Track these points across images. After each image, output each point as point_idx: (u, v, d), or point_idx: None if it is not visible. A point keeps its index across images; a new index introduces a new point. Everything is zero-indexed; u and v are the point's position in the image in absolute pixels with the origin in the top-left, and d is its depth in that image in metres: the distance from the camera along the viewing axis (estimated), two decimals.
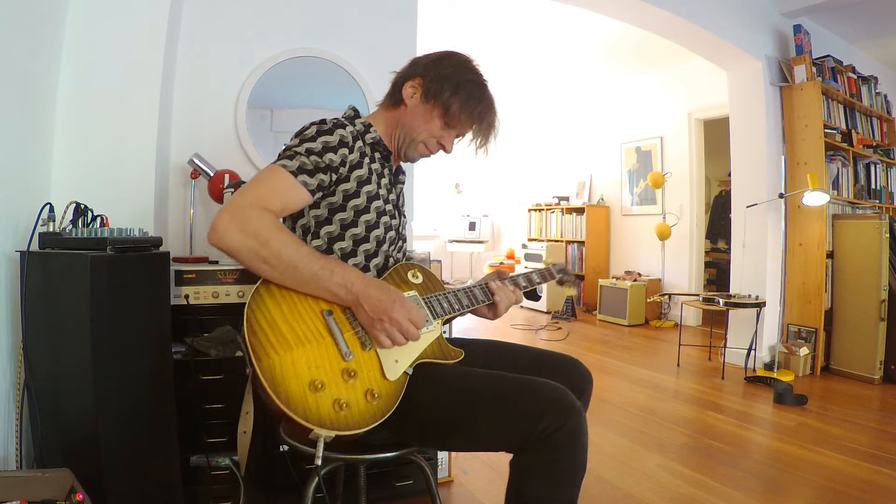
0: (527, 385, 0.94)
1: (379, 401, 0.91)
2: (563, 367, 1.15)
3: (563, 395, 0.92)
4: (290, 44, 2.04)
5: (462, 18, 4.04)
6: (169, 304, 1.38)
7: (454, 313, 1.12)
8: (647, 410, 2.61)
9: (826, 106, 3.47)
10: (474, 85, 1.11)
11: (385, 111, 1.18)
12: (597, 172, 6.05)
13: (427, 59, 1.14)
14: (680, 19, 3.08)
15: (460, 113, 1.10)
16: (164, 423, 1.31)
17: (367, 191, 1.07)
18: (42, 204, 1.28)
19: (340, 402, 0.87)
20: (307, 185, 0.99)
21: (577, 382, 1.12)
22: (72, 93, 1.54)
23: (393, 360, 0.97)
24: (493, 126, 1.15)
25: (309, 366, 0.88)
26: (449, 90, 1.09)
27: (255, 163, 1.98)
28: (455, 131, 1.14)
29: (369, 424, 0.87)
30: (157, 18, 1.67)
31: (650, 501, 1.74)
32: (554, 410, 0.89)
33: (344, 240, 1.06)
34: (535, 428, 0.88)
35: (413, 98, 1.12)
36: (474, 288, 1.17)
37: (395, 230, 1.17)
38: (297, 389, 0.85)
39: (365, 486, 1.20)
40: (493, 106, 1.14)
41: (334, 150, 1.02)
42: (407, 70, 1.16)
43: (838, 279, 3.37)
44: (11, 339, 1.26)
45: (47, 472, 1.02)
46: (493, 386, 0.96)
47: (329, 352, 0.92)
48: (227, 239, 0.90)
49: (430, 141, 1.14)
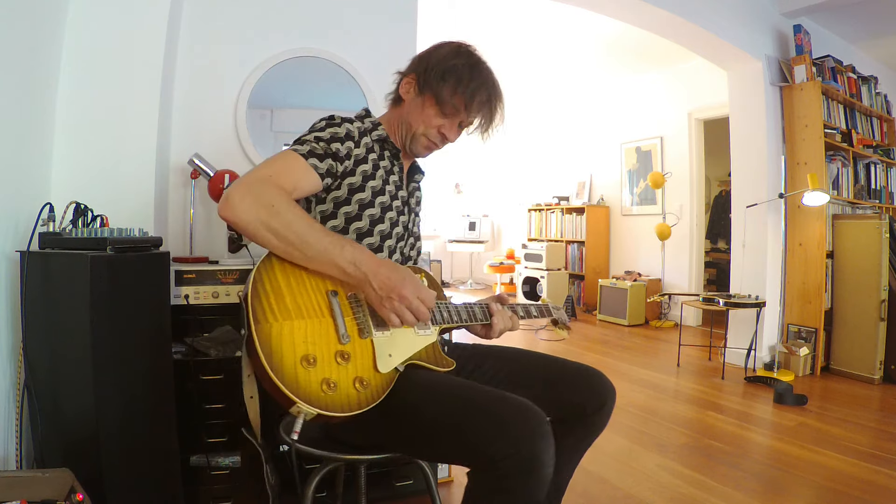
0: (492, 402, 0.88)
1: (366, 390, 0.89)
2: (581, 378, 1.11)
3: (525, 419, 0.84)
4: (290, 44, 2.04)
5: (462, 18, 4.04)
6: (169, 304, 1.38)
7: (452, 324, 1.11)
8: (647, 410, 2.61)
9: (826, 106, 3.47)
10: (464, 67, 1.09)
11: (390, 111, 1.21)
12: (597, 172, 6.05)
13: (420, 54, 1.17)
14: (680, 19, 3.08)
15: (452, 98, 1.09)
16: (164, 423, 1.31)
17: (371, 186, 1.08)
18: (42, 204, 1.28)
19: (329, 381, 0.86)
20: (317, 169, 0.99)
21: (596, 395, 1.08)
22: (72, 93, 1.54)
23: (387, 353, 0.95)
24: (489, 103, 1.12)
25: (305, 339, 0.87)
26: (437, 78, 1.09)
27: (254, 162, 1.98)
28: (456, 119, 1.13)
29: (352, 411, 0.86)
30: (157, 18, 1.67)
31: (650, 501, 1.74)
32: (507, 436, 0.82)
33: (348, 233, 1.07)
34: (485, 452, 0.82)
35: (409, 94, 1.14)
36: (474, 305, 1.16)
37: (403, 227, 1.16)
38: (289, 359, 0.84)
39: (365, 486, 1.20)
40: (487, 83, 1.11)
41: (340, 142, 1.04)
42: (406, 68, 1.18)
43: (838, 279, 3.37)
44: (11, 339, 1.26)
45: (47, 472, 1.02)
46: (458, 399, 0.91)
47: (327, 330, 0.91)
48: (239, 210, 0.88)
49: (430, 132, 1.13)
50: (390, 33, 2.21)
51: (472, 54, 1.13)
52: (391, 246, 1.12)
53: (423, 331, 1.03)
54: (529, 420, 0.85)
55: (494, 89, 1.12)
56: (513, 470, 0.81)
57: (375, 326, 0.96)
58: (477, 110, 1.12)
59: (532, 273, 5.78)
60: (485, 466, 0.84)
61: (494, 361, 1.18)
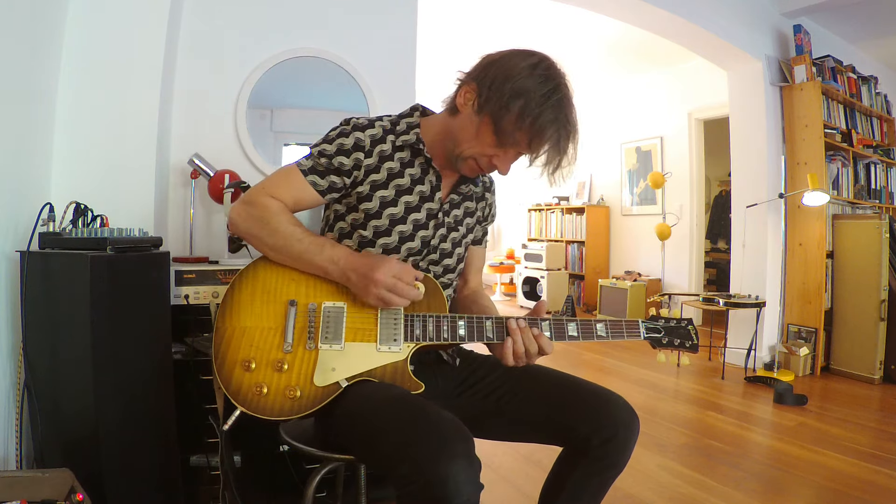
0: (408, 418, 0.81)
1: (297, 400, 0.92)
2: (593, 403, 0.97)
3: (430, 438, 0.75)
4: (290, 44, 2.04)
5: (462, 18, 4.04)
6: (169, 304, 1.38)
7: (437, 342, 0.96)
8: (647, 410, 2.61)
9: (826, 106, 3.47)
10: (535, 92, 0.90)
11: (444, 117, 1.05)
12: (597, 172, 6.05)
13: (489, 57, 0.98)
14: (680, 19, 3.08)
15: (514, 130, 0.92)
16: (164, 422, 1.31)
17: (380, 196, 1.02)
18: (42, 204, 1.28)
19: (261, 387, 0.92)
20: (316, 186, 1.01)
21: (606, 425, 0.93)
22: (72, 93, 1.54)
23: (330, 367, 0.94)
24: (557, 146, 0.93)
25: (251, 345, 0.95)
26: (502, 100, 0.91)
27: (254, 162, 1.98)
28: (513, 150, 0.97)
29: (282, 416, 0.91)
30: (157, 18, 1.67)
31: (650, 501, 1.74)
32: (411, 458, 0.74)
33: (351, 239, 1.05)
34: (395, 471, 0.76)
35: (466, 106, 0.98)
36: (486, 320, 0.98)
37: (421, 241, 1.04)
38: (231, 360, 0.94)
39: (365, 486, 1.20)
40: (560, 118, 0.92)
41: (347, 154, 1.00)
42: (469, 71, 1.00)
43: (838, 279, 3.37)
44: (11, 339, 1.26)
45: (47, 472, 1.02)
46: (388, 410, 0.85)
47: (274, 338, 0.96)
48: (238, 222, 1.00)
49: (481, 159, 0.99)
50: (390, 33, 2.20)
51: (551, 77, 0.92)
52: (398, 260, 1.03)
53: (388, 347, 0.95)
54: (436, 439, 0.75)
55: (568, 126, 0.93)
56: (419, 498, 0.72)
57: (326, 340, 0.95)
58: (540, 149, 0.94)
59: (532, 273, 5.79)
60: (397, 490, 0.76)
61: (500, 375, 1.07)
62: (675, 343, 1.05)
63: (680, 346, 1.05)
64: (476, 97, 0.95)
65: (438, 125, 1.05)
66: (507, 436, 1.11)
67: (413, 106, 1.11)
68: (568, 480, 0.99)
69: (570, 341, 0.99)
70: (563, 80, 0.94)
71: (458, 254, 1.12)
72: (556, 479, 1.03)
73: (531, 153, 0.96)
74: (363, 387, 0.93)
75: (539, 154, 0.95)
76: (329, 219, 1.10)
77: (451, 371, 1.11)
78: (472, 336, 0.97)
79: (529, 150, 0.95)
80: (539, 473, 1.79)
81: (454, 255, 1.11)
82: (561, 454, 1.04)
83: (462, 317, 0.98)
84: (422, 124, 1.07)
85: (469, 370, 1.11)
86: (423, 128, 1.06)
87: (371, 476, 1.20)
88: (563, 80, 0.94)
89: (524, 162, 1.02)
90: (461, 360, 1.14)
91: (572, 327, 0.99)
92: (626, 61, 5.05)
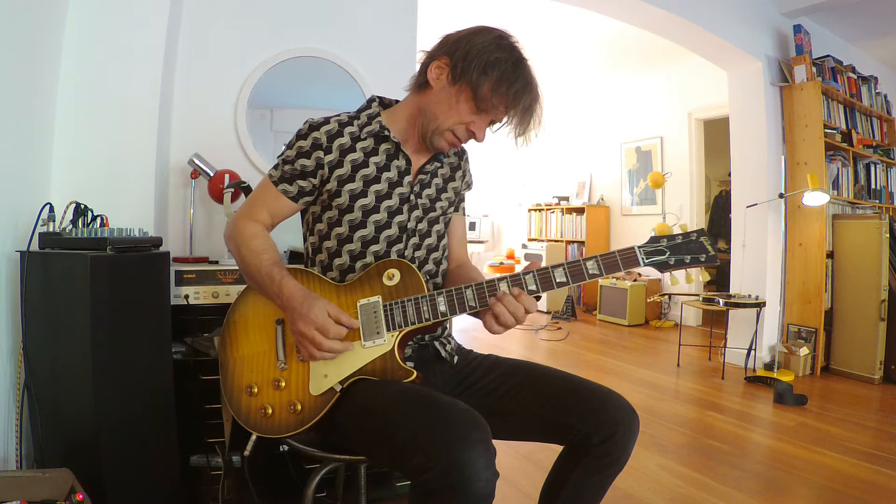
0: (419, 408, 0.83)
1: (300, 414, 0.94)
2: (593, 401, 0.97)
3: (446, 425, 0.77)
4: (290, 44, 2.04)
5: (462, 18, 4.04)
6: (169, 304, 1.38)
7: (420, 324, 0.95)
8: (647, 410, 2.61)
9: (826, 106, 3.47)
10: (509, 62, 0.98)
11: (412, 96, 1.07)
12: (597, 172, 6.04)
13: (456, 35, 1.03)
14: (680, 19, 3.08)
15: (492, 95, 0.98)
16: (163, 422, 1.31)
17: (349, 189, 1.02)
18: (42, 204, 1.28)
19: (266, 409, 0.96)
20: (287, 193, 1.04)
21: (606, 423, 0.93)
22: (72, 93, 1.54)
23: (322, 374, 0.94)
24: (531, 109, 1.02)
25: (252, 370, 0.99)
26: (478, 69, 0.96)
27: (254, 162, 1.98)
28: (488, 116, 1.02)
29: (290, 432, 0.94)
30: (158, 18, 1.67)
31: (650, 501, 1.74)
32: (424, 446, 0.75)
33: (330, 239, 1.05)
34: (406, 465, 0.77)
35: (439, 80, 1.01)
36: (466, 289, 0.95)
37: (398, 227, 1.05)
38: (237, 389, 0.99)
39: (365, 486, 1.20)
40: (531, 86, 1.01)
41: (307, 156, 1.02)
42: (434, 48, 1.04)
43: (838, 279, 3.37)
44: (11, 339, 1.26)
45: (47, 472, 1.02)
46: (399, 403, 0.86)
47: (269, 358, 0.99)
48: (227, 246, 1.07)
49: (458, 128, 1.02)
50: (390, 33, 2.21)
51: (516, 49, 1.02)
52: (378, 251, 1.03)
53: (372, 341, 0.95)
54: (452, 426, 0.76)
55: (536, 92, 1.03)
56: (435, 485, 0.73)
57: None
58: (515, 113, 1.01)
59: None
60: (412, 480, 0.77)
61: (500, 374, 1.07)
62: (685, 261, 0.93)
63: (693, 262, 0.92)
64: (450, 69, 1.00)
65: (408, 107, 1.07)
66: (507, 435, 1.10)
67: (370, 98, 1.12)
68: (569, 479, 0.99)
69: (560, 288, 0.94)
70: (523, 53, 1.04)
71: (436, 231, 1.12)
72: (557, 477, 1.03)
73: (506, 117, 1.03)
74: (363, 386, 0.94)
75: (514, 117, 1.02)
76: (309, 223, 1.10)
77: (450, 370, 1.11)
78: (453, 310, 0.95)
79: (505, 114, 1.02)
80: (539, 473, 1.79)
81: (433, 233, 1.11)
82: (561, 453, 1.04)
83: (440, 293, 0.96)
84: (384, 113, 1.09)
85: (468, 369, 1.11)
86: (386, 116, 1.09)
87: (371, 476, 1.21)
88: (523, 52, 1.04)
89: (524, 162, 1.02)
90: (460, 359, 1.14)
91: (560, 273, 0.94)
92: (626, 61, 5.05)
